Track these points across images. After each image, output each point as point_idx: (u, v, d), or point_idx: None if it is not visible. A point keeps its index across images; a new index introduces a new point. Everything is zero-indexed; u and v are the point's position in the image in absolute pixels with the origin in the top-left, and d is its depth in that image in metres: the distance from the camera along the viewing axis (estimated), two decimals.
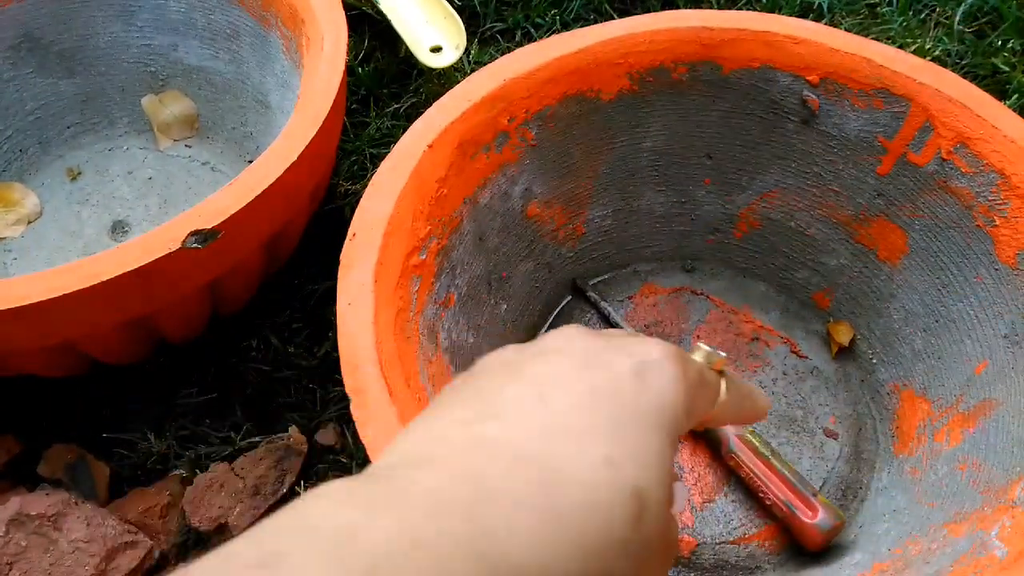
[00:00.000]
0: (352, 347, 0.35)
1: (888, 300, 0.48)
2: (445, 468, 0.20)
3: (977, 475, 0.39)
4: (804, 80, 0.46)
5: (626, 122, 0.48)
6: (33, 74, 0.59)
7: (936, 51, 0.65)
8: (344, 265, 0.37)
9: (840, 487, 0.46)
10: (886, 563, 0.39)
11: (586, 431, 0.21)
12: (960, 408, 0.43)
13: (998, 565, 0.33)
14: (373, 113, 0.64)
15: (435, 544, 0.18)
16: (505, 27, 0.70)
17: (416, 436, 0.22)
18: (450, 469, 0.20)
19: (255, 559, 0.17)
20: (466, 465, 0.20)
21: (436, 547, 0.18)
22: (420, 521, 0.18)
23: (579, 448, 0.21)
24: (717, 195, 0.52)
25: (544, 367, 0.23)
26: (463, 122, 0.42)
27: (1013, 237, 0.41)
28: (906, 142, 0.45)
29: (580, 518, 0.19)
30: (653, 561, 0.22)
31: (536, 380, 0.23)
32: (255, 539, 0.18)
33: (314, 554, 0.17)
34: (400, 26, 0.61)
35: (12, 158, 0.60)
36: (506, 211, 0.46)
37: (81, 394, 0.51)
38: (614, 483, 0.20)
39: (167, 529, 0.47)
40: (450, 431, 0.21)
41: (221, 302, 0.49)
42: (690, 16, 0.46)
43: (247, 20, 0.56)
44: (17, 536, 0.43)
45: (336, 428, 0.50)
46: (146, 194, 0.60)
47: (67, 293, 0.38)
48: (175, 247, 0.40)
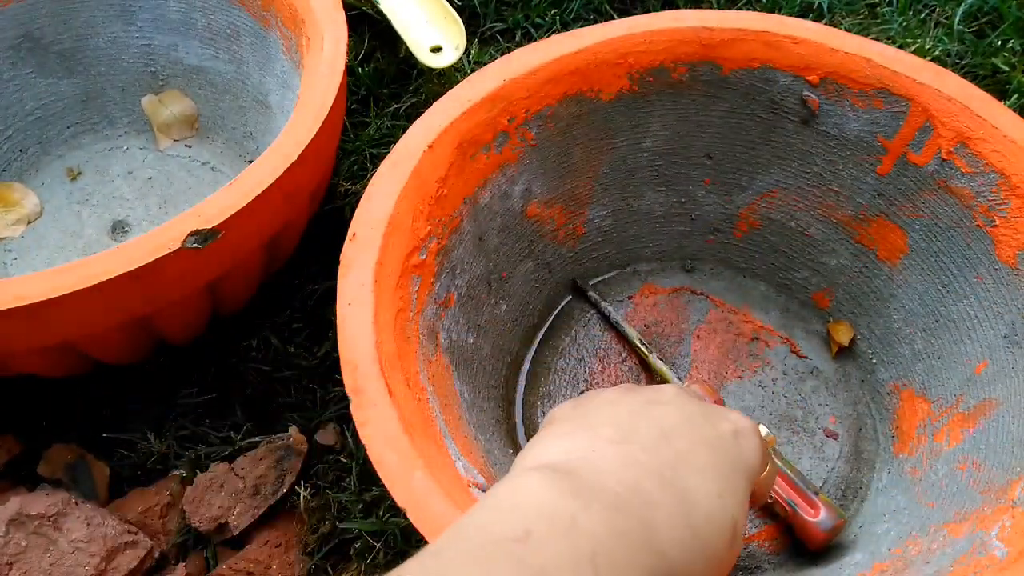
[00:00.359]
0: (352, 347, 0.35)
1: (888, 300, 0.48)
2: (615, 477, 0.25)
3: (977, 475, 0.39)
4: (804, 80, 0.46)
5: (626, 122, 0.48)
6: (33, 74, 0.60)
7: (936, 51, 0.65)
8: (344, 265, 0.37)
9: (840, 487, 0.46)
10: (886, 563, 0.39)
11: (704, 469, 0.27)
12: (960, 408, 0.43)
13: (998, 565, 0.33)
14: (373, 113, 0.64)
15: (628, 536, 0.23)
16: (505, 27, 0.70)
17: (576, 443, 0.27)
18: (619, 478, 0.25)
19: (511, 534, 0.21)
20: (629, 478, 0.25)
21: (629, 538, 0.23)
22: (612, 516, 0.23)
23: (701, 481, 0.26)
24: (717, 195, 0.52)
25: (661, 413, 0.29)
26: (463, 122, 0.42)
27: (1013, 237, 0.41)
28: (906, 142, 0.45)
29: (705, 534, 0.25)
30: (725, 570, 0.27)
31: (658, 422, 0.28)
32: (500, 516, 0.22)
33: (553, 534, 0.21)
34: (400, 26, 0.61)
35: (12, 158, 0.60)
36: (506, 211, 0.46)
37: (81, 394, 0.51)
38: (723, 513, 0.26)
39: (167, 529, 0.47)
40: (604, 447, 0.27)
41: (221, 302, 0.49)
42: (690, 16, 0.46)
43: (247, 20, 0.56)
44: (17, 536, 0.43)
45: (336, 428, 0.50)
46: (146, 194, 0.60)
47: (67, 293, 0.38)
48: (175, 247, 0.40)
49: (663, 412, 0.29)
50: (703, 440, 0.28)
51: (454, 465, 0.35)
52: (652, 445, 0.27)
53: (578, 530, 0.22)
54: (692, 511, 0.25)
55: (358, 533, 0.46)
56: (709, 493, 0.26)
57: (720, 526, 0.26)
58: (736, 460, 0.28)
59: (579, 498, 0.23)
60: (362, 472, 0.48)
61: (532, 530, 0.21)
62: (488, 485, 0.36)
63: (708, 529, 0.25)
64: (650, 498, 0.25)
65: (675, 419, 0.29)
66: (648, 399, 0.30)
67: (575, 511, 0.22)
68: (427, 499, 0.31)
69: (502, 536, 0.21)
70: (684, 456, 0.27)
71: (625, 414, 0.29)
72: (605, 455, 0.26)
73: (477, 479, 0.36)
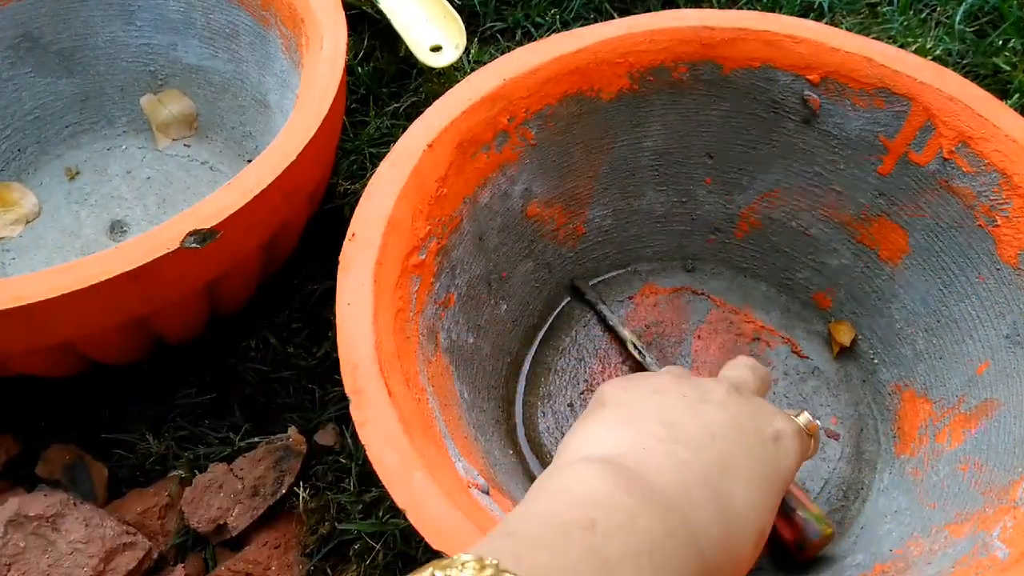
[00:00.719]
0: (351, 347, 0.35)
1: (890, 300, 0.48)
2: (663, 477, 0.26)
3: (978, 476, 0.39)
4: (805, 79, 0.46)
5: (626, 121, 0.48)
6: (32, 73, 0.59)
7: (937, 50, 0.65)
8: (343, 265, 0.37)
9: (841, 488, 0.46)
10: (887, 564, 0.39)
11: (744, 478, 0.28)
12: (962, 408, 0.43)
13: (999, 566, 0.33)
14: (373, 112, 0.64)
15: (676, 536, 0.24)
16: (505, 26, 0.70)
17: (626, 436, 0.28)
18: (668, 479, 0.26)
19: (579, 522, 0.22)
20: (678, 480, 0.26)
21: (677, 538, 0.24)
22: (664, 516, 0.24)
23: (742, 490, 0.28)
24: (718, 195, 0.51)
25: (710, 414, 0.30)
26: (463, 121, 0.42)
27: (1015, 237, 0.41)
28: (907, 141, 0.45)
29: (737, 539, 0.27)
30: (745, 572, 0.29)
31: (707, 424, 0.29)
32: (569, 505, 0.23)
33: (617, 527, 0.23)
34: (400, 25, 0.61)
35: (10, 158, 0.60)
36: (506, 211, 0.46)
37: (80, 394, 0.51)
38: (755, 523, 0.27)
39: (166, 530, 0.47)
40: (655, 446, 0.27)
41: (220, 302, 0.49)
42: (690, 15, 0.46)
43: (246, 19, 0.56)
44: (15, 537, 0.43)
45: (335, 428, 0.50)
46: (145, 194, 0.60)
47: (65, 293, 0.38)
48: (174, 247, 0.39)
49: (712, 413, 0.30)
50: (747, 447, 0.29)
51: (454, 466, 0.35)
52: (700, 447, 0.28)
53: (637, 526, 0.23)
54: (730, 518, 0.27)
55: (357, 534, 0.46)
56: (747, 503, 0.27)
57: (750, 533, 0.27)
58: (775, 470, 0.30)
59: (635, 496, 0.24)
60: (361, 473, 0.47)
61: (597, 520, 0.22)
62: (488, 486, 0.36)
63: (740, 535, 0.27)
64: (695, 501, 0.26)
65: (723, 421, 0.29)
66: (700, 396, 0.31)
67: (633, 507, 0.24)
68: (427, 500, 0.31)
69: (571, 523, 0.22)
70: (728, 462, 0.28)
71: (674, 410, 0.29)
72: (656, 454, 0.27)
73: (477, 480, 0.36)
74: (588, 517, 0.23)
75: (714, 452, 0.28)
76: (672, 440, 0.28)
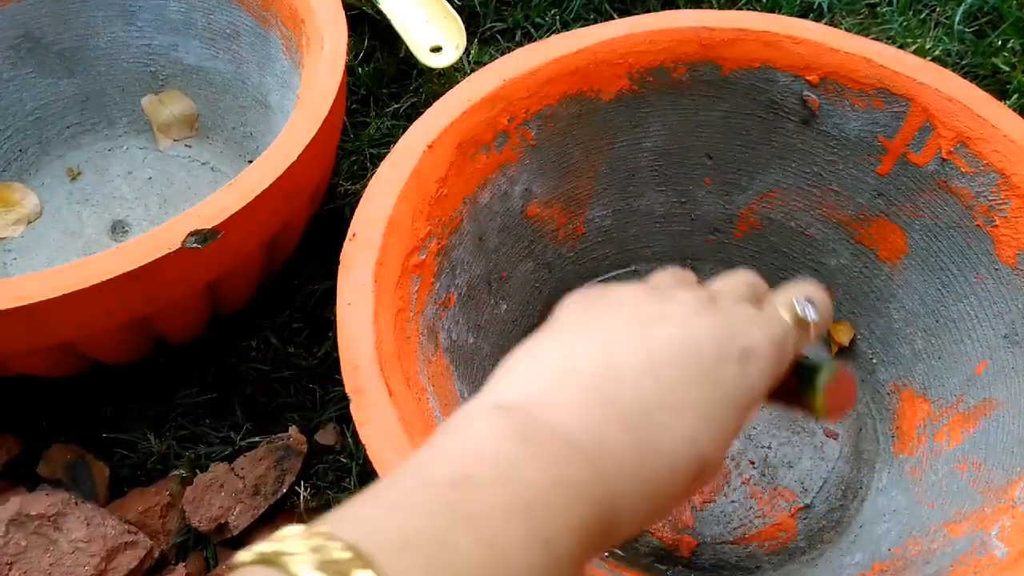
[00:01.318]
0: (352, 347, 0.35)
1: (888, 300, 0.48)
2: (573, 420, 0.24)
3: (977, 475, 0.39)
4: (804, 80, 0.46)
5: (626, 122, 0.48)
6: (33, 74, 0.59)
7: (936, 51, 0.65)
8: (344, 265, 0.37)
9: (840, 487, 0.46)
10: (886, 563, 0.39)
11: (681, 408, 0.25)
12: (960, 408, 0.43)
13: (998, 565, 0.33)
14: (373, 113, 0.64)
15: (570, 485, 0.22)
16: (505, 27, 0.70)
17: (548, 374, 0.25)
18: (578, 423, 0.24)
19: (448, 478, 0.20)
20: (589, 422, 0.24)
21: (570, 488, 0.22)
22: (555, 464, 0.22)
23: (672, 423, 0.25)
24: (717, 195, 0.51)
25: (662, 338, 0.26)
26: (463, 122, 0.42)
27: (1013, 237, 0.41)
28: (906, 142, 0.45)
29: (660, 481, 0.24)
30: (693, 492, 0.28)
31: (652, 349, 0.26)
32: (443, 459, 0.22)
33: (492, 479, 0.21)
34: (400, 26, 0.61)
35: (12, 158, 0.60)
36: (506, 211, 0.46)
37: (81, 394, 0.51)
38: (690, 455, 0.25)
39: (167, 529, 0.47)
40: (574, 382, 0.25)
41: (221, 302, 0.49)
42: (690, 16, 0.46)
43: (247, 20, 0.56)
44: (17, 536, 0.43)
45: (336, 428, 0.50)
46: (146, 194, 0.60)
47: (67, 293, 0.38)
48: (175, 247, 0.40)
49: (664, 337, 0.26)
50: (699, 373, 0.26)
51: None
52: (633, 381, 0.25)
53: (517, 477, 0.21)
54: (649, 459, 0.24)
55: None
56: (676, 438, 0.25)
57: (684, 468, 0.24)
58: (731, 392, 0.26)
59: (526, 444, 0.22)
60: (362, 472, 0.47)
61: (472, 475, 0.21)
62: None
63: (666, 475, 0.24)
64: (610, 444, 0.23)
65: (673, 347, 0.26)
66: (659, 314, 0.27)
67: (518, 458, 0.22)
68: None
69: (440, 479, 0.21)
70: (666, 396, 0.25)
71: (620, 336, 0.26)
72: (572, 393, 0.24)
73: None
74: (463, 472, 0.21)
75: (649, 385, 0.25)
76: (603, 375, 0.25)
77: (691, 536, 0.44)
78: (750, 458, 0.47)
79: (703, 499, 0.46)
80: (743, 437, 0.47)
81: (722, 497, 0.46)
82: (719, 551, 0.44)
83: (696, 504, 0.45)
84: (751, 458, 0.47)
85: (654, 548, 0.44)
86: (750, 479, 0.46)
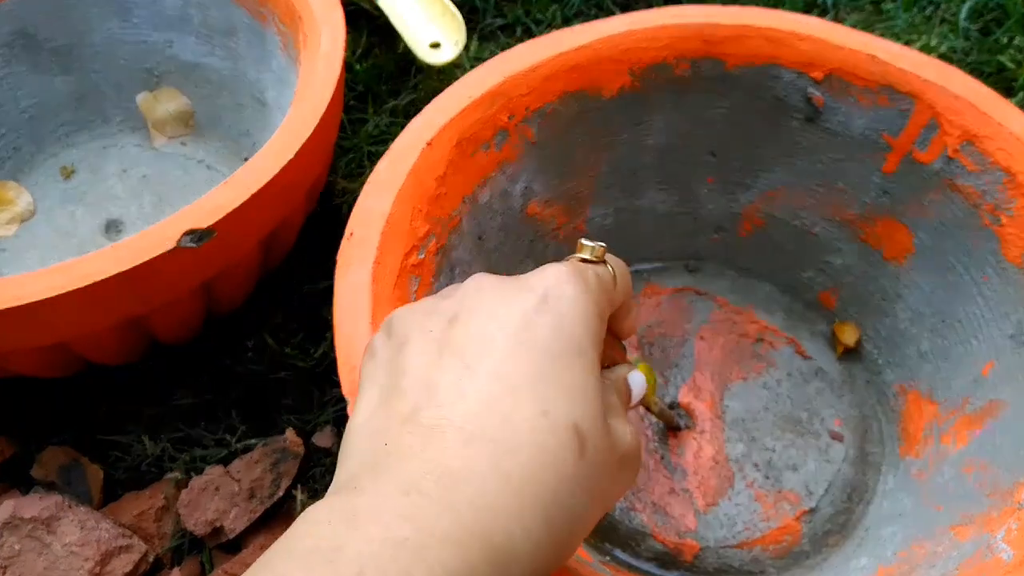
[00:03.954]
0: (349, 348, 0.34)
1: (894, 300, 0.48)
2: (407, 469, 0.21)
3: (983, 477, 0.39)
4: (808, 77, 0.45)
5: (628, 119, 0.48)
6: (27, 71, 0.59)
7: (941, 48, 0.65)
8: (341, 264, 0.37)
9: (846, 490, 0.45)
10: (892, 567, 0.39)
11: (517, 389, 0.22)
12: (967, 410, 0.42)
13: (1004, 568, 0.33)
14: (371, 110, 0.64)
15: (416, 540, 0.19)
16: (505, 23, 0.69)
17: (370, 440, 0.23)
18: (411, 469, 0.21)
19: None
20: (423, 460, 0.21)
21: (417, 542, 0.19)
22: (399, 523, 0.19)
23: (514, 411, 0.22)
24: (720, 193, 0.51)
25: (463, 332, 0.24)
26: (462, 119, 0.42)
27: (1019, 236, 0.41)
28: (912, 140, 0.44)
29: (533, 477, 0.21)
30: (608, 477, 0.24)
31: (459, 350, 0.23)
32: (264, 565, 0.19)
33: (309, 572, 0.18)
34: (398, 22, 0.61)
35: (5, 156, 0.60)
36: (506, 210, 0.46)
37: (75, 396, 0.51)
38: (554, 429, 0.22)
39: (162, 533, 0.47)
40: (399, 429, 0.22)
41: (216, 302, 0.48)
42: (692, 12, 0.46)
43: (243, 16, 0.56)
44: (10, 540, 0.43)
45: (333, 430, 0.50)
46: (141, 193, 0.60)
47: (60, 293, 0.38)
48: (170, 246, 0.39)
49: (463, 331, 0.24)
50: (510, 344, 0.23)
51: None
52: (452, 397, 0.22)
53: (342, 557, 0.19)
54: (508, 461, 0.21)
55: None
56: (527, 419, 0.22)
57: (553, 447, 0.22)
58: (553, 344, 0.23)
59: (353, 521, 0.20)
60: None
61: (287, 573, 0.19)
62: None
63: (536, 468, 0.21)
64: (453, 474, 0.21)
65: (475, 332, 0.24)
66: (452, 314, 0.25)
67: (342, 537, 0.19)
68: None
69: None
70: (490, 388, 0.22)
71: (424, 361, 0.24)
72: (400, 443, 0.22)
73: None
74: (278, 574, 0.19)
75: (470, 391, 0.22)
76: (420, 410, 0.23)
77: (694, 540, 0.44)
78: (754, 461, 0.46)
79: (707, 503, 0.45)
80: (747, 439, 0.47)
81: (726, 500, 0.45)
82: (723, 555, 0.44)
83: (700, 508, 0.45)
84: (755, 461, 0.46)
85: (657, 552, 0.44)
86: (754, 482, 0.46)
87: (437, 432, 0.22)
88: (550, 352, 0.23)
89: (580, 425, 0.22)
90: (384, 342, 0.26)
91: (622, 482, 0.25)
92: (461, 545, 0.20)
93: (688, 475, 0.46)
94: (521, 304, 0.24)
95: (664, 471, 0.46)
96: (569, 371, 0.23)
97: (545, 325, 0.24)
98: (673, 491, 0.45)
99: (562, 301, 0.25)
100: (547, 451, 0.22)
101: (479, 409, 0.22)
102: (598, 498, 0.23)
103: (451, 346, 0.24)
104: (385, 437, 0.23)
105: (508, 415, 0.22)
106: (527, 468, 0.21)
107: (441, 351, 0.24)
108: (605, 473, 0.23)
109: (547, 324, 0.24)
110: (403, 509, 0.20)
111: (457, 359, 0.23)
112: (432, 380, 0.23)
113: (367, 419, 0.24)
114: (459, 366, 0.23)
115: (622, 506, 0.45)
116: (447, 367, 0.23)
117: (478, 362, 0.23)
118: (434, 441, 0.22)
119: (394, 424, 0.23)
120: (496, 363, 0.23)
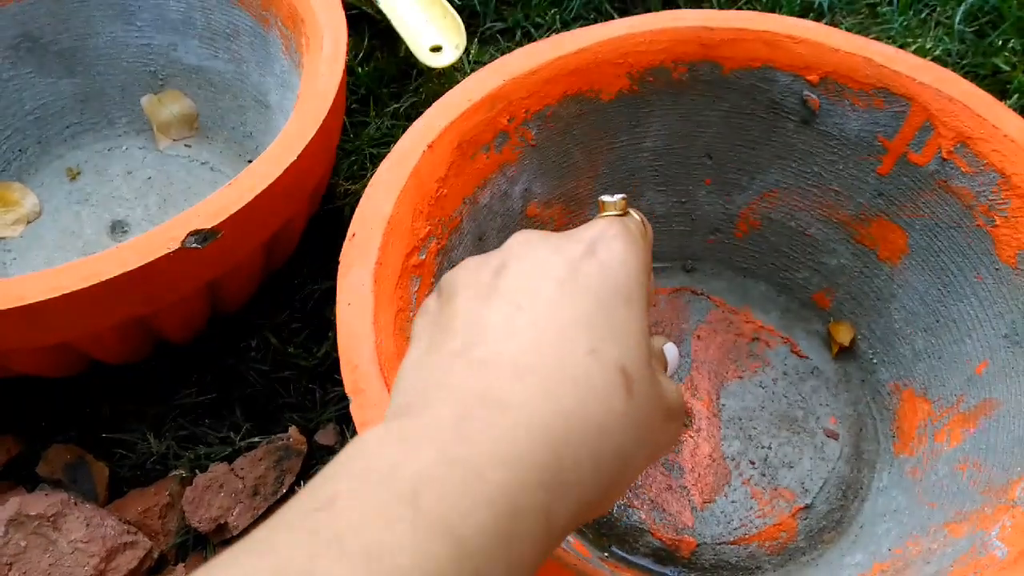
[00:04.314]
0: (352, 347, 0.35)
1: (889, 300, 0.48)
2: (459, 397, 0.22)
3: (977, 475, 0.39)
4: (804, 80, 0.46)
5: (626, 122, 0.48)
6: (32, 74, 0.59)
7: (936, 51, 0.65)
8: (343, 265, 0.37)
9: (841, 487, 0.46)
10: (886, 563, 0.39)
11: (565, 328, 0.23)
12: (961, 408, 0.43)
13: (998, 565, 0.33)
14: (373, 113, 0.64)
15: (472, 460, 0.20)
16: (505, 26, 0.70)
17: (422, 374, 0.24)
18: (464, 397, 0.22)
19: (312, 505, 0.19)
20: (475, 389, 0.22)
21: (473, 463, 0.20)
22: (454, 444, 0.20)
23: (564, 348, 0.23)
24: (717, 195, 0.51)
25: (512, 278, 0.25)
26: (463, 122, 0.42)
27: (1013, 237, 0.41)
28: (906, 142, 0.45)
29: (582, 411, 0.22)
30: (655, 424, 0.24)
31: (509, 295, 0.24)
32: (312, 488, 0.20)
33: (364, 490, 0.19)
34: (400, 25, 0.61)
35: (11, 158, 0.60)
36: (506, 211, 0.46)
37: (80, 394, 0.51)
38: (602, 369, 0.22)
39: (166, 529, 0.47)
40: (450, 364, 0.23)
41: (220, 302, 0.49)
42: (690, 16, 0.46)
43: (247, 20, 0.56)
44: (16, 536, 0.43)
45: (336, 428, 0.50)
46: (146, 194, 0.60)
47: (66, 293, 0.38)
48: (175, 247, 0.39)
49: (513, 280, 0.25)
50: (557, 287, 0.24)
51: None
52: (504, 335, 0.23)
53: (397, 475, 0.19)
54: (557, 393, 0.22)
55: None
56: (577, 358, 0.22)
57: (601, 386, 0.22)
58: (601, 288, 0.24)
59: (406, 443, 0.20)
60: None
61: (339, 492, 0.19)
62: None
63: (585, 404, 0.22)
64: (501, 402, 0.21)
65: (525, 279, 0.24)
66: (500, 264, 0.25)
67: (396, 457, 0.20)
68: None
69: (308, 508, 0.19)
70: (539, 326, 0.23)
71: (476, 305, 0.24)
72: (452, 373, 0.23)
73: None
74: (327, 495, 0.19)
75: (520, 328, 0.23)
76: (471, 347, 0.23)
77: (691, 536, 0.44)
78: (750, 458, 0.47)
79: (703, 499, 0.46)
80: (743, 437, 0.47)
81: (722, 497, 0.46)
82: (719, 551, 0.44)
83: (696, 504, 0.45)
84: (751, 458, 0.47)
85: (654, 549, 0.44)
86: (750, 479, 0.46)
87: (489, 366, 0.22)
88: (598, 297, 0.24)
89: (627, 367, 0.23)
90: (435, 299, 0.27)
91: (669, 432, 0.25)
92: (515, 467, 0.20)
93: (685, 472, 0.46)
94: (569, 252, 0.25)
95: (661, 468, 0.46)
96: (617, 316, 0.24)
97: (593, 273, 0.24)
98: (670, 488, 0.46)
99: (611, 251, 0.25)
100: (595, 388, 0.22)
101: (528, 346, 0.23)
102: (646, 443, 0.24)
103: (500, 291, 0.24)
104: (437, 371, 0.23)
105: (557, 352, 0.22)
106: (576, 400, 0.22)
107: (490, 296, 0.24)
108: (652, 419, 0.24)
109: (595, 272, 0.24)
110: (457, 432, 0.20)
111: (507, 301, 0.24)
112: (482, 320, 0.24)
113: (418, 358, 0.25)
114: (509, 307, 0.24)
115: (620, 503, 0.45)
116: (497, 308, 0.24)
117: (528, 304, 0.24)
118: (486, 373, 0.22)
119: (445, 359, 0.23)
120: (545, 305, 0.24)
